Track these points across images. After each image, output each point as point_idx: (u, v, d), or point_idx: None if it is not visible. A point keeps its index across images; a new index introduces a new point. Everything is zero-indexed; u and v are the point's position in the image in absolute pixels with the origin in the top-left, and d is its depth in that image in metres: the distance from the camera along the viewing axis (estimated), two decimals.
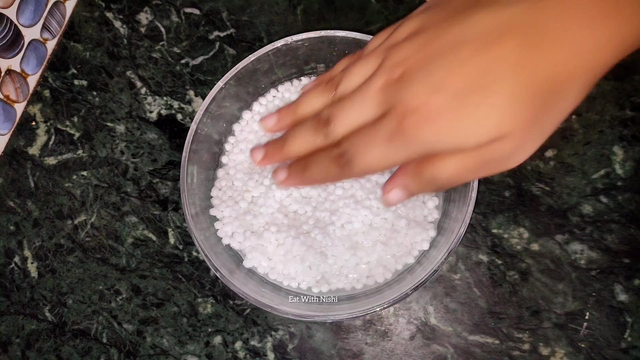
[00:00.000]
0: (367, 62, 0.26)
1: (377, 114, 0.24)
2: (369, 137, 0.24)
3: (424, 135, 0.22)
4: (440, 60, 0.22)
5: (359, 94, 0.25)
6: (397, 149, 0.23)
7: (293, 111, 0.29)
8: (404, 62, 0.23)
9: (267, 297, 0.33)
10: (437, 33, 0.22)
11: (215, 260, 0.33)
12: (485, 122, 0.21)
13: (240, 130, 0.39)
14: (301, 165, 0.28)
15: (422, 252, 0.35)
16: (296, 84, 0.39)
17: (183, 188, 0.34)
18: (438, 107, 0.21)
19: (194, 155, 0.35)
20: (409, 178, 0.25)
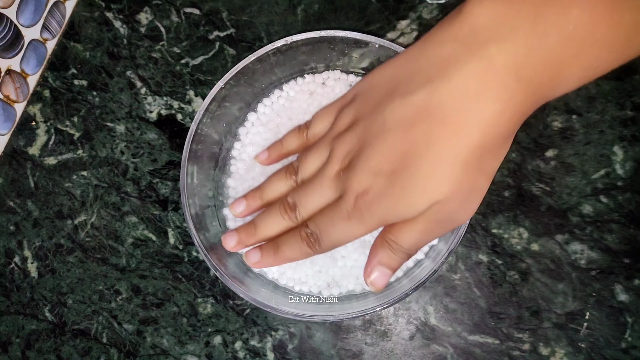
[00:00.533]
0: (318, 150, 0.31)
1: (334, 197, 0.29)
2: (331, 217, 0.28)
3: (375, 211, 0.27)
4: (372, 148, 0.27)
5: (317, 182, 0.30)
6: (356, 225, 0.28)
7: (260, 196, 0.34)
8: (349, 153, 0.28)
9: (267, 297, 0.33)
10: (368, 125, 0.28)
11: (215, 260, 0.33)
12: (417, 193, 0.25)
13: (246, 133, 0.39)
14: (273, 247, 0.31)
15: (432, 246, 0.35)
16: (300, 82, 0.39)
17: (183, 188, 0.34)
18: (380, 187, 0.26)
19: (194, 155, 0.35)
20: (381, 254, 0.28)
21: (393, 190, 0.26)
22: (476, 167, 0.25)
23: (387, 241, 0.28)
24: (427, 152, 0.25)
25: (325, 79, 0.39)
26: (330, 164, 0.29)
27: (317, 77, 0.39)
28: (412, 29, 0.41)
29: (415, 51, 0.27)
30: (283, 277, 0.35)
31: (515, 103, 0.24)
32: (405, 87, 0.26)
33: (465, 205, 0.26)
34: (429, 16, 0.41)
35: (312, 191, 0.30)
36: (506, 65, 0.23)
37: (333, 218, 0.28)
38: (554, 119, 0.38)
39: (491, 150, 0.25)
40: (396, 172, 0.26)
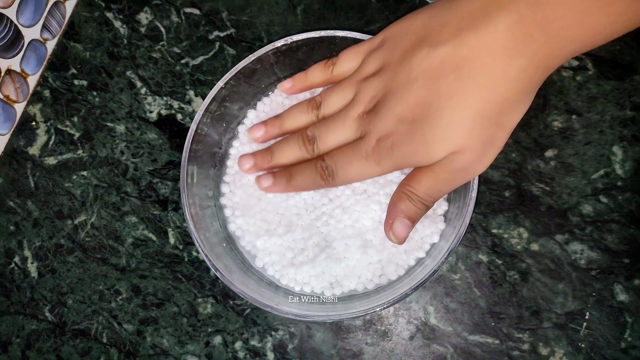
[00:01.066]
0: (343, 90, 0.32)
1: (354, 137, 0.30)
2: (349, 155, 0.30)
3: (393, 155, 0.28)
4: (398, 96, 0.28)
5: (340, 120, 0.31)
6: (372, 165, 0.29)
7: (279, 124, 0.35)
8: (374, 97, 0.29)
9: (267, 297, 0.33)
10: (395, 72, 0.28)
11: (215, 260, 0.33)
12: (436, 142, 0.26)
13: (245, 131, 0.39)
14: (286, 174, 0.33)
15: (433, 245, 0.35)
16: None
17: (183, 188, 0.34)
18: (401, 133, 0.28)
19: (194, 155, 0.35)
20: (400, 205, 0.30)
21: (413, 137, 0.27)
22: (495, 122, 0.26)
23: (405, 192, 0.29)
24: (449, 104, 0.26)
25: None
26: (355, 104, 0.30)
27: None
28: None
29: (446, 2, 0.28)
30: (284, 277, 0.35)
31: (539, 58, 0.24)
32: (434, 38, 0.27)
33: (482, 157, 0.27)
34: None
35: (333, 127, 0.31)
36: (535, 19, 0.24)
37: (351, 156, 0.30)
38: (554, 119, 0.38)
39: (512, 105, 0.25)
40: (418, 121, 0.27)
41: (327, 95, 0.33)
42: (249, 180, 0.37)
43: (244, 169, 0.35)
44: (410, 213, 0.30)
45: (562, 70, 0.39)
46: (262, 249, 0.36)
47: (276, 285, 0.36)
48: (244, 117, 0.39)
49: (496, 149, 0.27)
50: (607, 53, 0.39)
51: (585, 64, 0.39)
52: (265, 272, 0.36)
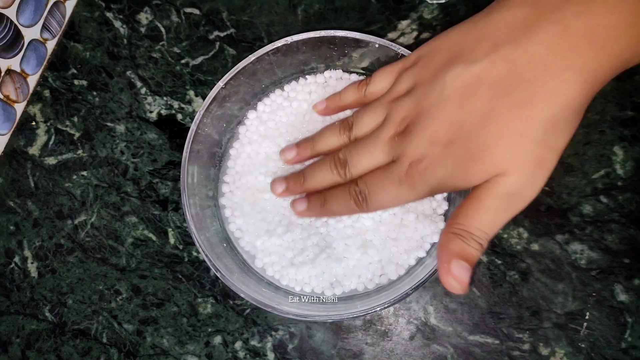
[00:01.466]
0: (375, 111, 0.30)
1: (386, 160, 0.29)
2: (382, 180, 0.28)
3: (428, 179, 0.26)
4: (430, 116, 0.26)
5: (371, 143, 0.29)
6: (406, 191, 0.27)
7: (312, 146, 0.34)
8: (405, 119, 0.28)
9: (267, 297, 0.33)
10: (426, 92, 0.27)
11: (215, 260, 0.33)
12: (473, 166, 0.24)
13: (245, 132, 0.39)
14: (320, 199, 0.32)
15: (433, 244, 0.35)
16: (302, 82, 0.39)
17: (183, 188, 0.34)
18: (435, 157, 0.26)
19: (194, 155, 0.35)
20: (452, 248, 0.25)
21: (448, 160, 0.25)
22: (542, 142, 0.23)
23: (454, 232, 0.25)
24: (486, 124, 0.24)
25: (327, 79, 0.39)
26: (386, 127, 0.29)
27: (318, 77, 0.39)
28: (412, 29, 0.41)
29: (481, 16, 0.26)
30: (284, 278, 0.35)
31: (588, 71, 0.22)
32: (468, 54, 0.25)
33: (532, 180, 0.24)
34: (429, 16, 0.41)
35: (364, 151, 0.30)
36: (581, 30, 0.22)
37: (384, 181, 0.28)
38: None
39: (559, 124, 0.23)
40: (452, 143, 0.25)
41: (359, 116, 0.32)
42: (248, 181, 0.37)
43: (276, 192, 0.34)
44: (465, 254, 0.25)
45: None
46: (262, 249, 0.36)
47: (276, 285, 0.36)
48: (244, 117, 0.39)
49: (546, 171, 0.24)
50: None
51: None
52: (264, 272, 0.36)
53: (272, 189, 0.35)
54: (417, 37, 0.41)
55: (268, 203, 0.36)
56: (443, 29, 0.41)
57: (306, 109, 0.38)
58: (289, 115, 0.38)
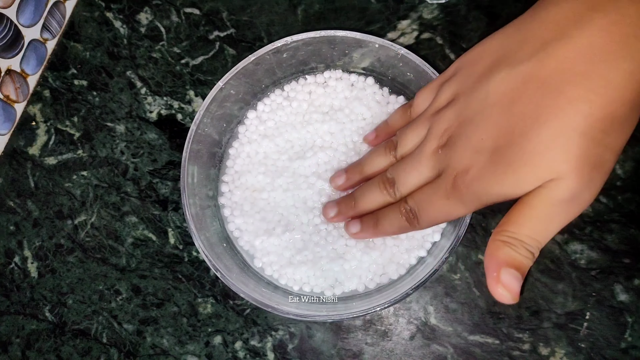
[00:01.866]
0: (417, 127, 0.30)
1: (433, 174, 0.28)
2: (430, 195, 0.28)
3: (475, 191, 0.25)
4: (474, 125, 0.25)
5: (415, 159, 0.29)
6: (455, 205, 0.26)
7: (360, 171, 0.34)
8: (447, 130, 0.27)
9: (267, 297, 0.33)
10: (469, 99, 0.26)
11: (215, 260, 0.33)
12: (525, 171, 0.22)
13: (245, 132, 0.39)
14: (373, 220, 0.32)
15: (434, 243, 0.35)
16: (301, 82, 0.39)
17: (183, 188, 0.34)
18: (481, 166, 0.24)
19: (194, 155, 0.35)
20: (501, 256, 0.24)
21: (495, 169, 0.23)
22: (600, 141, 0.21)
23: (502, 240, 0.24)
24: (537, 126, 0.22)
25: (327, 79, 0.39)
26: (428, 141, 0.28)
27: (318, 77, 0.39)
28: (412, 29, 0.41)
29: (526, 17, 0.24)
30: (283, 277, 0.35)
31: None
32: (513, 56, 0.24)
33: (590, 184, 0.22)
34: (429, 16, 0.41)
35: (410, 168, 0.29)
36: (638, 17, 0.20)
37: (432, 196, 0.27)
38: None
39: (617, 120, 0.21)
40: (500, 150, 0.23)
41: (402, 134, 0.31)
42: (247, 180, 0.37)
43: (328, 217, 0.34)
44: (514, 261, 0.23)
45: None
46: (261, 248, 0.36)
47: (275, 285, 0.36)
48: (243, 117, 0.39)
49: (604, 174, 0.22)
50: None
51: None
52: (263, 272, 0.36)
53: (324, 213, 0.35)
54: (417, 37, 0.41)
55: (267, 203, 0.36)
56: (443, 29, 0.41)
57: (306, 108, 0.38)
58: (288, 115, 0.38)
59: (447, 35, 0.41)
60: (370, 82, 0.39)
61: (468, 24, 0.41)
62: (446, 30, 0.41)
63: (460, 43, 0.40)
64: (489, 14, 0.40)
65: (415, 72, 0.35)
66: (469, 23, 0.41)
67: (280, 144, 0.37)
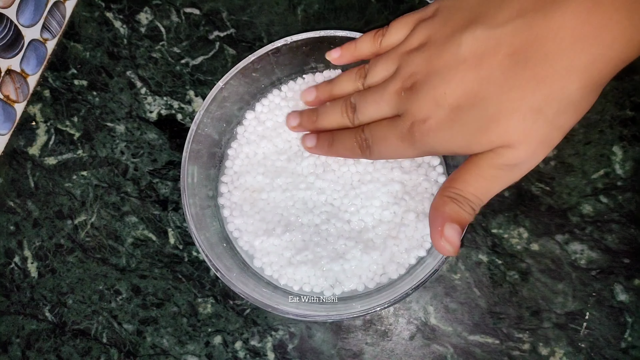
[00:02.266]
0: (387, 62, 0.30)
1: (392, 113, 0.29)
2: (385, 132, 0.29)
3: (429, 141, 0.26)
4: (440, 77, 0.25)
5: (378, 93, 0.30)
6: (407, 147, 0.28)
7: (329, 90, 0.35)
8: (414, 75, 0.27)
9: (267, 297, 0.33)
10: (440, 49, 0.26)
11: (215, 260, 0.33)
12: (478, 135, 0.24)
13: (244, 132, 0.39)
14: (329, 139, 0.33)
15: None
16: (300, 82, 0.39)
17: (183, 188, 0.34)
18: (439, 119, 0.25)
19: (194, 155, 0.35)
20: (446, 211, 0.26)
21: (452, 125, 0.25)
22: (551, 121, 0.23)
23: (449, 195, 0.26)
24: (499, 92, 0.23)
25: (326, 79, 0.39)
26: (394, 80, 0.29)
27: (318, 76, 0.39)
28: None
29: None
30: (283, 277, 0.35)
31: (616, 47, 0.21)
32: (492, 16, 0.24)
33: (534, 155, 0.24)
34: None
35: (371, 100, 0.30)
36: (613, 4, 0.21)
37: (387, 133, 0.29)
38: None
39: (573, 104, 0.23)
40: (460, 108, 0.24)
41: (373, 64, 0.32)
42: (246, 181, 0.37)
43: (290, 125, 0.36)
44: (458, 217, 0.26)
45: None
46: (260, 249, 0.36)
47: (275, 285, 0.36)
48: (242, 117, 0.39)
49: (548, 149, 0.24)
50: None
51: None
52: (263, 272, 0.36)
53: (287, 121, 0.36)
54: None
55: (266, 203, 0.36)
56: None
57: (302, 108, 0.38)
58: (285, 115, 0.38)
59: None
60: None
61: None
62: None
63: None
64: None
65: None
66: None
67: (279, 144, 0.37)
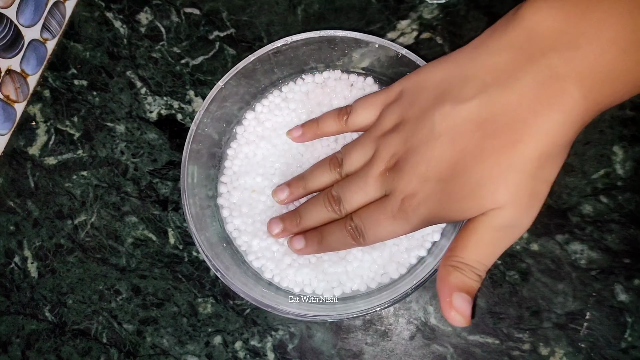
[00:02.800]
0: (364, 147, 0.31)
1: (379, 195, 0.29)
2: (376, 215, 0.29)
3: (422, 212, 0.27)
4: (421, 153, 0.26)
5: (362, 179, 0.30)
6: (401, 224, 0.28)
7: (304, 185, 0.34)
8: (395, 155, 0.28)
9: (267, 297, 0.33)
10: (415, 129, 0.27)
11: (214, 259, 0.33)
12: (469, 200, 0.25)
13: (243, 132, 0.39)
14: (318, 236, 0.32)
15: (434, 243, 0.35)
16: (299, 82, 0.39)
17: (183, 188, 0.34)
18: (427, 192, 0.26)
19: (194, 155, 0.35)
20: (451, 281, 0.26)
21: (441, 197, 0.26)
22: (535, 176, 0.24)
23: (452, 265, 0.26)
24: (479, 162, 0.24)
25: (326, 79, 0.39)
26: (375, 163, 0.29)
27: (317, 76, 0.39)
28: (412, 29, 0.41)
29: (467, 55, 0.26)
30: (284, 280, 0.35)
31: (577, 112, 0.23)
32: (457, 93, 0.25)
33: (527, 211, 0.25)
34: (429, 16, 0.41)
35: (356, 188, 0.30)
36: (569, 75, 0.22)
37: (378, 216, 0.29)
38: None
39: (550, 159, 0.24)
40: (445, 180, 0.26)
41: (347, 152, 0.32)
42: (245, 182, 0.37)
43: (273, 233, 0.34)
44: (464, 286, 0.25)
45: None
46: (258, 249, 0.36)
47: (276, 286, 0.36)
48: (242, 118, 0.39)
49: (539, 202, 0.25)
50: None
51: None
52: (262, 273, 0.36)
53: (269, 229, 0.35)
54: (417, 37, 0.41)
55: (266, 204, 0.36)
56: (443, 28, 0.41)
57: (303, 109, 0.38)
58: (285, 116, 0.38)
59: (447, 35, 0.41)
60: (369, 82, 0.38)
61: (468, 24, 0.41)
62: (446, 30, 0.41)
63: (459, 43, 0.40)
64: (488, 14, 0.40)
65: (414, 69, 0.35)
66: (468, 23, 0.41)
67: (278, 145, 0.37)
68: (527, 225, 0.25)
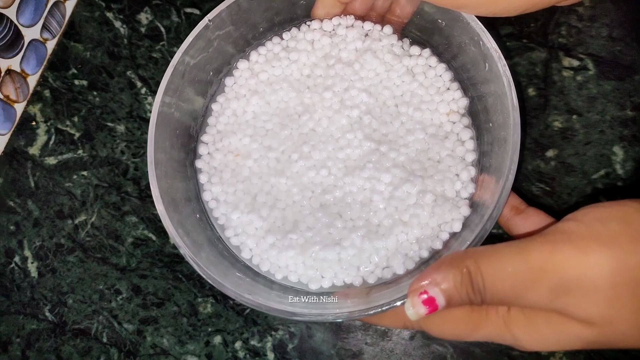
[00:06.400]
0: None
1: None
2: None
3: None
4: None
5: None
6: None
7: None
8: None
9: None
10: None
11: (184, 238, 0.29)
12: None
13: (233, 84, 0.34)
14: None
15: (453, 234, 0.29)
16: (304, 29, 0.34)
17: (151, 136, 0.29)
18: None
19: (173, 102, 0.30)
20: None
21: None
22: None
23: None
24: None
25: (336, 26, 0.33)
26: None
27: (325, 23, 0.33)
28: None
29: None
30: (265, 263, 0.31)
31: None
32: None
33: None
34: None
35: None
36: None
37: None
38: (554, 119, 0.38)
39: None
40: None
41: None
42: (230, 143, 0.32)
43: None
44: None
45: (563, 70, 0.39)
46: (238, 224, 0.31)
47: (255, 271, 0.32)
48: (233, 67, 0.34)
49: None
50: (608, 53, 0.39)
51: (586, 64, 0.39)
52: (240, 253, 0.32)
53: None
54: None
55: (251, 171, 0.32)
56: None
57: (306, 61, 0.33)
58: (284, 68, 0.32)
59: None
60: (387, 31, 0.32)
61: None
62: None
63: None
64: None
65: (447, 18, 0.29)
66: None
67: (273, 102, 0.32)
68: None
